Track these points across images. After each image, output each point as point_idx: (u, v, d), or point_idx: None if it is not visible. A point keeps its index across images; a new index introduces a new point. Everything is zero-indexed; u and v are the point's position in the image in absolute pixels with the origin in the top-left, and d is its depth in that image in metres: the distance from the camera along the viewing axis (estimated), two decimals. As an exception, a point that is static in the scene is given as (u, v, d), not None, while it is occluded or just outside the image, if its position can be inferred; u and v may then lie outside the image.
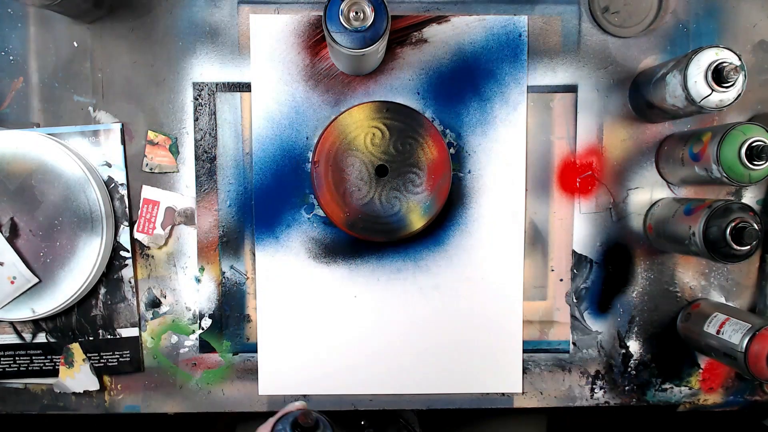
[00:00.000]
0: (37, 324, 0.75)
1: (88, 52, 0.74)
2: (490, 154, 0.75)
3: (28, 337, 0.76)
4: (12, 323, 0.75)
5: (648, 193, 0.77)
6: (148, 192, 0.74)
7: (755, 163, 0.62)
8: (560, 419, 0.93)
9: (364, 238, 0.72)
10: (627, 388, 0.78)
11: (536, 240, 0.77)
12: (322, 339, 0.76)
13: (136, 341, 0.76)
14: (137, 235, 0.74)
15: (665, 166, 0.75)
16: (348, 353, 0.76)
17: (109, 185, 0.74)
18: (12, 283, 0.71)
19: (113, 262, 0.75)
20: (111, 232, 0.73)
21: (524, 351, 0.77)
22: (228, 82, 0.74)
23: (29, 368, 0.76)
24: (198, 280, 0.76)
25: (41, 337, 0.75)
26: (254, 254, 0.76)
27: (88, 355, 0.75)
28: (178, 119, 0.74)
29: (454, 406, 0.78)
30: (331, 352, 0.76)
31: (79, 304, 0.75)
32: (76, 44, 0.73)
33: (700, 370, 0.78)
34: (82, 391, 0.75)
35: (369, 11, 0.59)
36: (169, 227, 0.75)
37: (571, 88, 0.75)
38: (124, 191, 0.74)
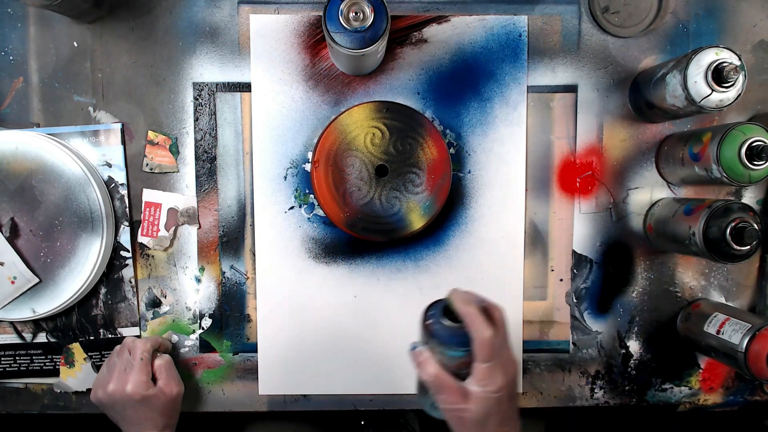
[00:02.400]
0: (37, 324, 0.75)
1: (88, 52, 0.74)
2: (490, 154, 0.75)
3: (28, 336, 0.76)
4: (12, 323, 0.75)
5: (648, 193, 0.77)
6: (148, 195, 0.74)
7: (755, 163, 0.62)
8: (560, 419, 0.93)
9: (364, 238, 0.72)
10: (627, 388, 0.78)
11: (536, 240, 0.77)
12: (322, 339, 0.76)
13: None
14: (142, 239, 0.74)
15: (665, 166, 0.75)
16: (348, 353, 0.76)
17: (109, 185, 0.74)
18: (12, 283, 0.71)
19: (113, 262, 0.75)
20: (111, 232, 0.73)
21: (524, 351, 0.77)
22: (228, 82, 0.74)
23: (29, 368, 0.76)
24: (198, 280, 0.76)
25: (41, 337, 0.76)
26: (254, 254, 0.76)
27: (89, 354, 0.75)
28: (178, 119, 0.75)
29: (454, 406, 0.78)
30: (331, 351, 0.76)
31: (80, 304, 0.75)
32: (76, 44, 0.73)
33: (700, 370, 0.78)
34: (83, 390, 0.75)
35: (369, 11, 0.59)
36: (173, 228, 0.75)
37: (571, 88, 0.75)
38: (124, 191, 0.74)
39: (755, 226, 0.64)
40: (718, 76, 0.62)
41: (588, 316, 0.77)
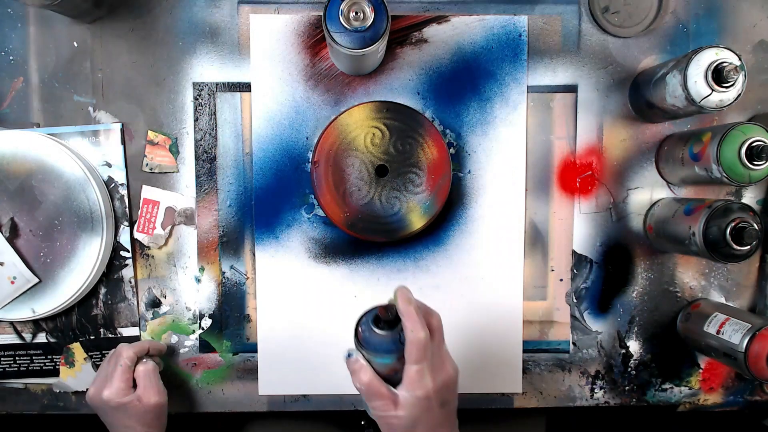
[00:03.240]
0: (37, 324, 0.75)
1: (88, 52, 0.74)
2: (490, 154, 0.75)
3: (28, 337, 0.76)
4: (12, 323, 0.75)
5: (648, 193, 0.77)
6: (148, 192, 0.74)
7: (755, 163, 0.62)
8: (560, 419, 0.93)
9: (364, 238, 0.72)
10: (627, 388, 0.78)
11: (536, 240, 0.77)
12: (322, 339, 0.76)
13: (136, 341, 0.76)
14: (137, 235, 0.74)
15: (665, 166, 0.75)
16: (348, 353, 0.76)
17: (109, 185, 0.74)
18: (12, 283, 0.71)
19: (113, 262, 0.75)
20: (111, 232, 0.73)
21: (524, 351, 0.77)
22: (228, 82, 0.74)
23: (29, 368, 0.76)
24: (198, 280, 0.76)
25: (41, 337, 0.76)
26: (254, 254, 0.76)
27: (89, 354, 0.75)
28: (178, 119, 0.75)
29: (454, 406, 0.78)
30: (331, 352, 0.76)
31: (80, 304, 0.75)
32: (76, 44, 0.73)
33: (700, 370, 0.78)
34: (83, 390, 0.75)
35: (369, 11, 0.59)
36: (169, 227, 0.75)
37: (571, 88, 0.75)
38: (124, 191, 0.74)
39: (755, 226, 0.64)
40: (718, 76, 0.62)
41: (588, 316, 0.77)
